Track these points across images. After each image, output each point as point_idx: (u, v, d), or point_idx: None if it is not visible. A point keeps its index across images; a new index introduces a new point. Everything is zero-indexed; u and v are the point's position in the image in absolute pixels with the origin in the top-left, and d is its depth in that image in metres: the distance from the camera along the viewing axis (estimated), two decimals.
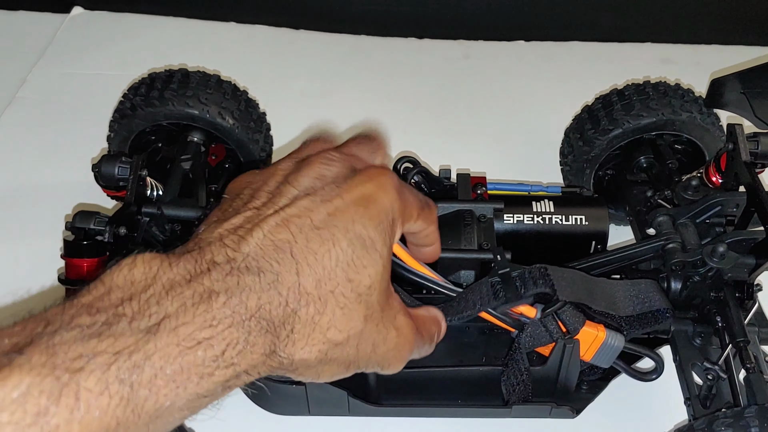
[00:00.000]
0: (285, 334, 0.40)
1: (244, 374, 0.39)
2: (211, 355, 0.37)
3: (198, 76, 0.88)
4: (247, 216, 0.43)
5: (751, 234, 0.69)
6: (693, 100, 0.85)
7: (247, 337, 0.38)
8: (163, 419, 0.36)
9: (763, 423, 0.54)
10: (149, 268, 0.38)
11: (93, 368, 0.33)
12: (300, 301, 0.41)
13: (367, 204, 0.44)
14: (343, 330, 0.43)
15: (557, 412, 0.70)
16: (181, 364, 0.36)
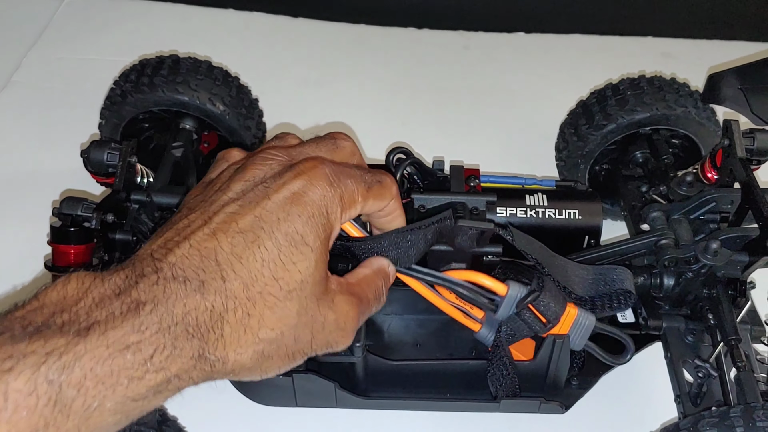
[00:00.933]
0: (214, 338, 0.42)
1: (176, 379, 0.40)
2: (139, 358, 0.38)
3: (188, 62, 0.87)
4: (178, 228, 0.45)
5: (745, 231, 0.69)
6: (688, 95, 0.84)
7: (174, 341, 0.40)
8: (93, 421, 0.37)
9: (748, 423, 0.54)
10: (81, 284, 0.40)
11: (22, 369, 0.35)
12: (227, 305, 0.42)
13: (295, 200, 0.45)
14: (275, 327, 0.44)
15: (546, 407, 0.70)
16: (111, 366, 0.37)
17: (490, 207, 0.74)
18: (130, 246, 0.72)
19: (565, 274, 0.66)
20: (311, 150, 0.51)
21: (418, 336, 0.72)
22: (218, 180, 0.49)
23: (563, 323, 0.62)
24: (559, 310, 0.62)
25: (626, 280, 0.67)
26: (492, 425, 0.75)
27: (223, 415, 0.75)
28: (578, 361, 0.69)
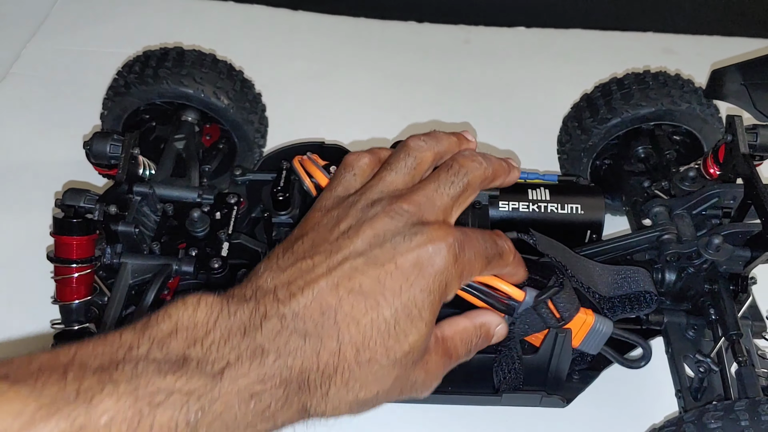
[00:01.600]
0: (320, 395, 0.44)
1: (279, 426, 0.43)
2: (260, 408, 0.41)
3: (193, 55, 0.87)
4: (302, 269, 0.46)
5: (747, 226, 0.69)
6: (692, 91, 0.84)
7: (287, 395, 0.42)
8: None
9: (753, 417, 0.54)
10: (211, 311, 0.42)
11: (168, 405, 0.37)
12: (337, 367, 0.44)
13: (420, 270, 0.46)
14: (372, 390, 0.46)
15: (548, 401, 0.70)
16: (236, 413, 0.40)
17: (492, 201, 0.75)
18: (132, 237, 0.72)
19: (589, 275, 0.66)
20: (435, 189, 0.51)
21: None
22: (346, 214, 0.49)
23: (580, 329, 0.62)
24: (573, 310, 0.62)
25: (646, 280, 0.67)
26: (493, 418, 0.75)
27: None
28: (587, 360, 0.70)
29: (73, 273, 0.68)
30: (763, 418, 0.53)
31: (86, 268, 0.69)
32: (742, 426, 0.53)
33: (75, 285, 0.69)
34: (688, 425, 0.56)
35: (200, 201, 0.74)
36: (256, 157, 0.93)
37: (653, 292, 0.66)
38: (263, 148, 0.96)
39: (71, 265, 0.67)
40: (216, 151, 0.92)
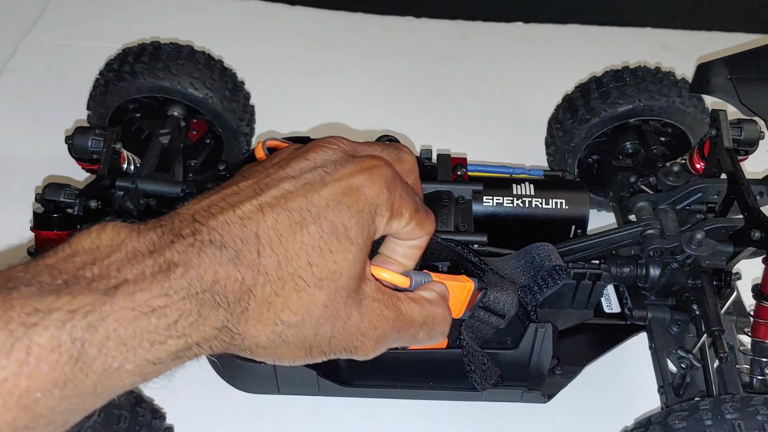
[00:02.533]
0: (239, 310, 0.41)
1: (196, 347, 0.40)
2: (164, 323, 0.38)
3: (169, 48, 0.87)
4: (225, 194, 0.44)
5: (730, 221, 0.68)
6: (672, 84, 0.83)
7: (200, 309, 0.39)
8: (111, 381, 0.37)
9: (716, 416, 0.53)
10: (116, 235, 0.39)
11: (47, 324, 0.34)
12: (257, 279, 0.41)
13: (348, 192, 0.44)
14: (297, 313, 0.43)
15: (528, 396, 0.70)
16: (134, 328, 0.37)
17: (476, 196, 0.74)
18: None
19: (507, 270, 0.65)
20: (374, 150, 0.50)
21: None
22: (278, 155, 0.48)
23: (465, 298, 0.58)
24: (510, 299, 0.61)
25: (552, 255, 0.66)
26: (474, 414, 0.75)
27: (204, 401, 0.75)
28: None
29: None
30: (727, 416, 0.53)
31: None
32: (705, 425, 0.53)
33: None
34: (654, 426, 0.56)
35: (183, 195, 0.74)
36: (243, 147, 0.93)
37: (560, 264, 0.65)
38: (250, 137, 0.96)
39: None
40: (203, 145, 0.92)
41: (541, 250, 0.66)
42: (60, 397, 0.35)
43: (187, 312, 0.38)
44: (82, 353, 0.35)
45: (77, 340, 0.35)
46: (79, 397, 0.36)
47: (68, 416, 0.37)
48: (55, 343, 0.34)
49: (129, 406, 0.57)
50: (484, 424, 0.74)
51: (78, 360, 0.35)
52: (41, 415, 0.35)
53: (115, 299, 0.36)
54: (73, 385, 0.35)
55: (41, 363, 0.34)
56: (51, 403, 0.35)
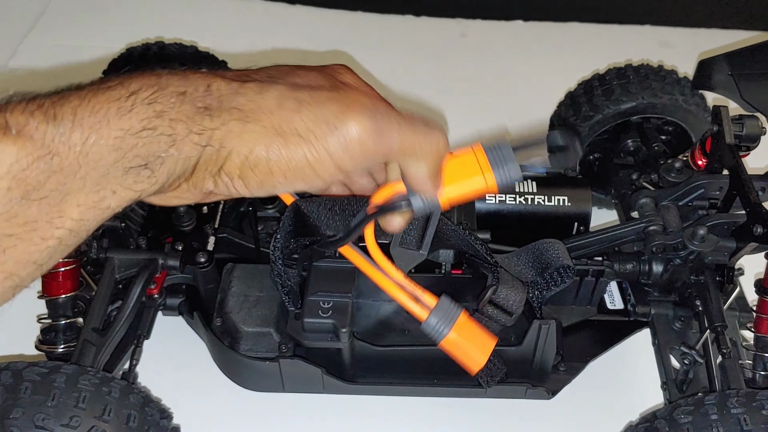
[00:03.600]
0: (226, 117, 0.43)
1: (167, 120, 0.41)
2: (124, 92, 0.41)
3: (174, 48, 0.87)
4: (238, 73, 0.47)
5: (732, 217, 0.69)
6: (675, 82, 0.83)
7: (184, 102, 0.42)
8: (93, 156, 0.39)
9: (722, 410, 0.54)
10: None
11: (14, 107, 0.39)
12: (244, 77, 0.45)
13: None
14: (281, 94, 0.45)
15: (532, 392, 0.70)
16: (99, 98, 0.40)
17: None
18: (119, 232, 0.72)
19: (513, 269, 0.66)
20: None
21: (405, 323, 0.72)
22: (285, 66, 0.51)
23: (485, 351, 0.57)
24: (519, 297, 0.61)
25: (562, 253, 0.66)
26: (479, 411, 0.75)
27: (210, 400, 0.75)
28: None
29: (59, 267, 0.69)
30: (732, 411, 0.53)
31: (72, 263, 0.69)
32: (711, 420, 0.53)
33: (61, 279, 0.69)
34: (660, 421, 0.56)
35: None
36: None
37: (569, 264, 0.65)
38: None
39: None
40: None
41: (551, 247, 0.66)
42: (47, 171, 0.38)
43: (170, 103, 0.41)
44: (55, 124, 0.38)
45: (49, 112, 0.39)
46: (65, 174, 0.38)
47: (60, 199, 0.39)
48: (27, 118, 0.38)
49: (138, 406, 0.57)
50: (489, 421, 0.74)
51: (56, 136, 0.38)
52: (33, 188, 0.38)
53: (87, 85, 0.42)
54: (58, 158, 0.38)
55: (23, 134, 0.38)
56: (40, 176, 0.38)
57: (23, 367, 0.56)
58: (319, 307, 0.66)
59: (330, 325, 0.66)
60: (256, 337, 0.70)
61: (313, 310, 0.66)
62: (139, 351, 0.70)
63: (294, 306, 0.67)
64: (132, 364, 0.69)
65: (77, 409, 0.54)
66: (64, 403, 0.54)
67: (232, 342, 0.70)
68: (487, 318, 0.61)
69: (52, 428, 0.53)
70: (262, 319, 0.70)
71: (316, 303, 0.66)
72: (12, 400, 0.53)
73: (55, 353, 0.68)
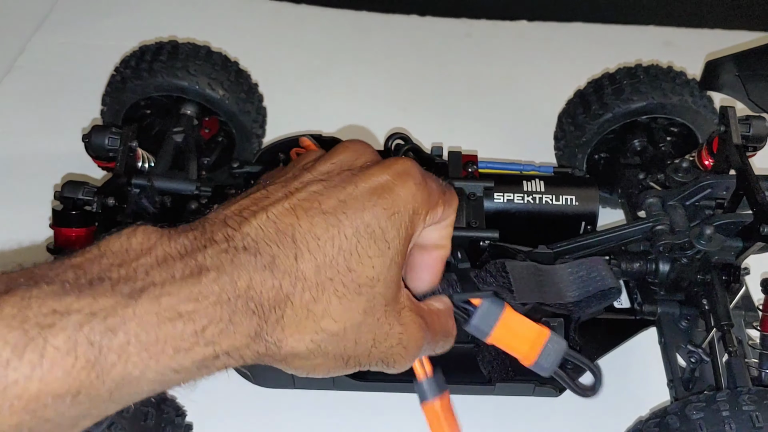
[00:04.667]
0: (275, 318, 0.39)
1: (225, 356, 0.38)
2: (191, 329, 0.36)
3: (188, 48, 0.88)
4: (255, 198, 0.42)
5: (739, 217, 0.69)
6: (685, 83, 0.84)
7: (231, 316, 0.37)
8: (130, 389, 0.35)
9: (734, 407, 0.54)
10: (147, 239, 0.38)
11: (64, 326, 0.33)
12: (295, 285, 0.39)
13: (382, 193, 0.42)
14: (338, 320, 0.41)
15: (540, 390, 0.71)
16: (158, 334, 0.35)
17: (487, 192, 0.75)
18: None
19: (556, 289, 0.65)
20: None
21: None
22: (302, 159, 0.47)
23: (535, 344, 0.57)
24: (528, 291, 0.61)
25: (606, 275, 0.66)
26: (487, 408, 0.76)
27: (222, 396, 0.76)
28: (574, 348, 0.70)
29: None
30: (744, 408, 0.54)
31: None
32: (723, 416, 0.54)
33: None
34: (671, 417, 0.57)
35: (198, 193, 0.75)
36: (255, 148, 0.94)
37: (614, 286, 0.65)
38: (262, 138, 0.97)
39: None
40: (215, 143, 0.93)
41: (598, 268, 0.66)
42: (71, 403, 0.33)
43: (217, 318, 0.36)
44: (99, 358, 0.33)
45: (95, 344, 0.33)
46: (92, 403, 0.34)
47: (77, 421, 0.35)
48: (71, 346, 0.32)
49: (155, 404, 0.58)
50: (497, 418, 0.75)
51: (95, 365, 0.33)
52: (47, 420, 0.33)
53: (139, 302, 0.35)
54: (87, 392, 0.33)
55: (55, 367, 0.32)
56: (61, 408, 0.33)
57: None
58: None
59: None
60: None
61: None
62: None
63: None
64: None
65: None
66: None
67: None
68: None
69: None
70: None
71: None
72: None
73: None
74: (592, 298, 0.65)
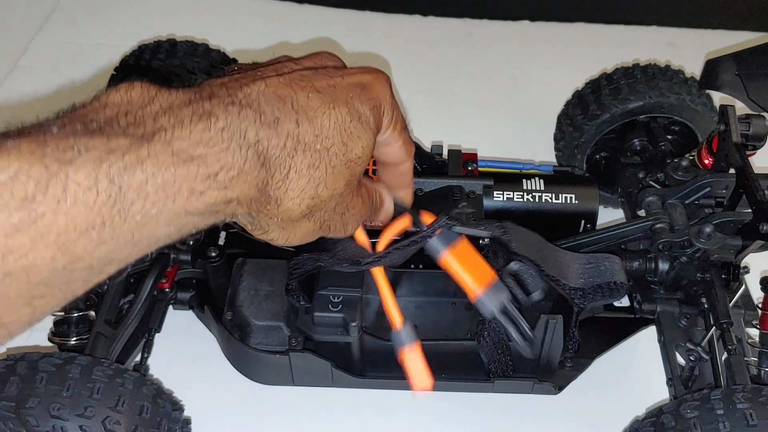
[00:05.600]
0: (280, 176, 0.41)
1: (235, 202, 0.40)
2: (204, 172, 0.37)
3: (185, 45, 0.88)
4: (247, 73, 0.44)
5: (738, 215, 0.69)
6: (682, 82, 0.84)
7: (242, 164, 0.39)
8: (149, 229, 0.36)
9: (728, 405, 0.54)
10: (147, 92, 0.38)
11: (83, 162, 0.33)
12: (297, 149, 0.42)
13: (365, 88, 0.46)
14: (330, 188, 0.44)
15: (539, 387, 0.71)
16: (174, 174, 0.36)
17: (487, 191, 0.75)
18: None
19: (559, 267, 0.66)
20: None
21: (414, 317, 0.73)
22: (279, 59, 0.49)
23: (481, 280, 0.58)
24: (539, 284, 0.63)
25: (618, 270, 0.67)
26: (486, 405, 0.76)
27: (220, 392, 0.76)
28: (573, 343, 0.70)
29: None
30: (738, 406, 0.54)
31: None
32: (717, 415, 0.54)
33: None
34: (666, 416, 0.57)
35: None
36: None
37: (623, 282, 0.66)
38: None
39: None
40: None
41: (610, 262, 0.67)
42: (97, 241, 0.34)
43: (229, 165, 0.38)
44: (119, 195, 0.34)
45: (115, 181, 0.34)
46: (116, 243, 0.35)
47: (105, 264, 0.36)
48: (92, 181, 0.33)
49: (151, 397, 0.58)
50: (496, 416, 0.75)
51: (116, 202, 0.34)
52: (79, 258, 0.34)
53: (153, 144, 0.35)
54: (110, 229, 0.34)
55: (78, 201, 0.33)
56: (89, 246, 0.34)
57: (38, 358, 0.57)
58: (329, 301, 0.67)
59: (340, 320, 0.66)
60: (266, 331, 0.71)
61: (323, 304, 0.67)
62: (150, 344, 0.71)
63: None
64: (143, 356, 0.70)
65: (91, 400, 0.55)
66: (79, 393, 0.55)
67: (242, 335, 0.71)
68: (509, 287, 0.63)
69: (67, 418, 0.54)
70: (272, 313, 0.71)
71: (326, 297, 0.67)
72: (28, 390, 0.54)
73: (67, 345, 0.69)
74: (598, 290, 0.66)
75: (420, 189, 0.75)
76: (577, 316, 0.66)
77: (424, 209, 0.71)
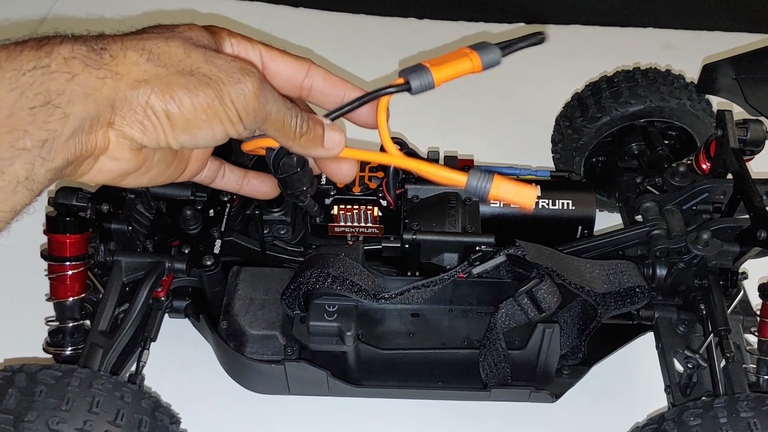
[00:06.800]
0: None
1: (62, 60, 0.42)
2: (16, 45, 0.42)
3: None
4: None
5: (736, 221, 0.69)
6: (683, 87, 0.84)
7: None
8: None
9: (731, 414, 0.54)
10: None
11: None
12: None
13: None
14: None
15: (536, 396, 0.70)
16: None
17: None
18: (126, 235, 0.72)
19: (582, 275, 0.66)
20: None
21: (410, 326, 0.73)
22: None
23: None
24: (553, 303, 0.63)
25: (637, 275, 0.68)
26: (483, 413, 0.75)
27: (216, 403, 0.76)
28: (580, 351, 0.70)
29: (67, 271, 0.69)
30: (742, 414, 0.53)
31: (80, 266, 0.70)
32: (720, 423, 0.54)
33: (69, 282, 0.69)
34: (668, 423, 0.56)
35: (193, 199, 0.75)
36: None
37: (644, 285, 0.67)
38: None
39: (65, 262, 0.68)
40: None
41: (628, 268, 0.68)
42: None
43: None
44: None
45: None
46: None
47: None
48: None
49: (149, 411, 0.58)
50: (493, 424, 0.75)
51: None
52: None
53: None
54: None
55: None
56: None
57: (37, 370, 0.56)
58: (324, 310, 0.66)
59: (335, 329, 0.66)
60: (261, 340, 0.70)
61: (318, 313, 0.66)
62: (146, 353, 0.71)
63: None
64: (139, 366, 0.69)
65: (91, 414, 0.54)
66: (78, 407, 0.54)
67: (237, 345, 0.70)
68: (519, 307, 0.62)
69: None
70: (267, 322, 0.70)
71: (322, 306, 0.67)
72: (27, 403, 0.53)
73: (62, 355, 0.69)
74: (621, 296, 0.66)
75: (416, 196, 0.74)
76: (597, 324, 0.66)
77: (420, 217, 0.71)
